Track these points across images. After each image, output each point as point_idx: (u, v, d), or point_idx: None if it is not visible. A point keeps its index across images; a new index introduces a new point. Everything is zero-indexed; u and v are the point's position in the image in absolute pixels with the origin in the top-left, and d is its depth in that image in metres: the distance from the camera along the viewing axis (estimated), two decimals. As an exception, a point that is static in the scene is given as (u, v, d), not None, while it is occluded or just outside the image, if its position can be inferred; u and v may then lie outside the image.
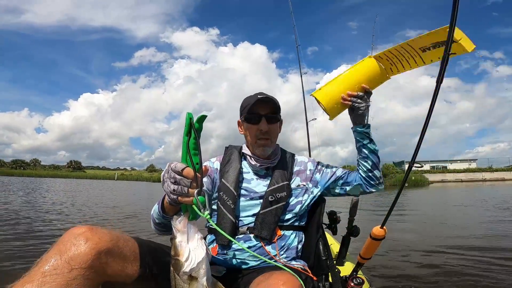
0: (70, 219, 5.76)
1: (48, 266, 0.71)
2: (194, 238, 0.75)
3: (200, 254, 0.74)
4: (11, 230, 4.35)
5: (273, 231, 1.12)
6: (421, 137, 0.98)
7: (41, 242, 3.71)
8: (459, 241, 4.14)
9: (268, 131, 1.19)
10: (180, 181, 0.72)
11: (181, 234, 0.75)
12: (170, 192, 0.73)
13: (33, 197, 10.26)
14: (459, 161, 44.87)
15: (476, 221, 6.02)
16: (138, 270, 0.86)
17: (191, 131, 0.74)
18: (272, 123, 1.21)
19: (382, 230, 1.07)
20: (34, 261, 0.74)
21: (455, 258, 3.30)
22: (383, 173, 1.31)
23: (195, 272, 0.73)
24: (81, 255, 0.73)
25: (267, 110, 1.19)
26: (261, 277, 0.91)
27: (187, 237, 0.75)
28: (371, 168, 1.22)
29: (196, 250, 0.74)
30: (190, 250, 0.74)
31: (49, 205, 8.00)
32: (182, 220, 0.76)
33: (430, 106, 0.92)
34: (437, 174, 37.03)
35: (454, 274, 2.75)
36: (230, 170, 1.22)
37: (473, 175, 36.60)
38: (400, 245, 3.91)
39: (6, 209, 6.70)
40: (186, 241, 0.75)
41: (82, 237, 0.76)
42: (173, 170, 0.73)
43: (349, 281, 1.13)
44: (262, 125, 1.18)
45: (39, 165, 72.12)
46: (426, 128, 0.95)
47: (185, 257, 0.73)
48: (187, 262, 0.73)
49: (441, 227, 5.60)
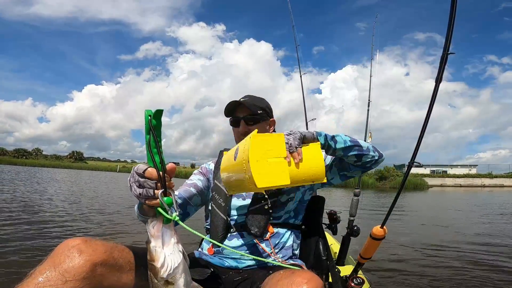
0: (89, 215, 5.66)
1: (42, 278, 0.71)
2: (170, 243, 0.72)
3: (176, 259, 0.72)
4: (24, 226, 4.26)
5: (264, 228, 1.10)
6: (421, 135, 0.99)
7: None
8: (459, 241, 4.17)
9: (247, 132, 1.18)
10: (144, 183, 0.69)
11: (155, 239, 0.71)
12: (137, 196, 0.71)
13: (44, 188, 10.19)
14: (460, 166, 45.03)
15: (472, 223, 6.08)
16: (133, 280, 0.85)
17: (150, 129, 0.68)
18: (252, 124, 1.21)
19: (382, 230, 1.07)
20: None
21: (455, 257, 3.33)
22: (383, 175, 1.28)
23: (171, 277, 0.71)
24: (75, 267, 0.73)
25: (245, 113, 1.21)
26: (282, 273, 0.86)
27: (161, 241, 0.72)
28: (356, 159, 1.05)
29: (172, 256, 0.71)
30: (165, 255, 0.71)
31: (63, 199, 7.91)
32: (155, 224, 0.72)
33: (429, 106, 0.93)
34: (437, 179, 37.22)
35: (454, 273, 2.76)
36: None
37: (472, 180, 36.87)
38: (400, 245, 3.91)
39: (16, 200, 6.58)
40: (161, 246, 0.72)
41: (76, 249, 0.76)
42: (136, 173, 0.70)
43: (349, 281, 1.13)
44: (241, 127, 1.21)
45: (41, 154, 71.69)
46: (425, 127, 0.96)
47: (160, 263, 0.70)
48: (163, 268, 0.70)
49: (439, 228, 5.62)
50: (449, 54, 0.84)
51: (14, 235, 3.60)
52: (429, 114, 0.95)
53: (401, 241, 4.20)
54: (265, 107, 1.25)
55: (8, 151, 66.59)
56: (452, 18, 0.80)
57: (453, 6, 0.78)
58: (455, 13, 0.78)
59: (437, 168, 44.62)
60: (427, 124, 0.98)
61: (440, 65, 0.88)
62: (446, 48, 0.84)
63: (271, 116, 1.29)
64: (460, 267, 3.03)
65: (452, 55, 0.84)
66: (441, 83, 0.91)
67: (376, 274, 2.71)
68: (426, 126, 0.98)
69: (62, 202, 7.07)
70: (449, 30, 0.81)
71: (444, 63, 0.86)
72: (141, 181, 0.69)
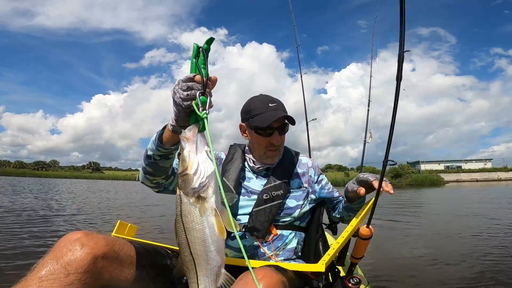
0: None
1: (45, 271, 0.72)
2: (203, 151, 0.71)
3: (209, 168, 0.69)
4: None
5: (267, 230, 1.10)
6: (390, 134, 0.98)
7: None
8: (459, 241, 4.06)
9: (281, 144, 1.19)
10: (192, 86, 0.74)
11: (190, 144, 0.70)
12: (183, 99, 0.74)
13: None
14: (474, 161, 43.95)
15: (480, 219, 5.91)
16: (134, 273, 0.86)
17: (198, 55, 0.75)
18: (283, 134, 1.19)
19: (368, 230, 1.07)
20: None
21: (455, 257, 3.23)
22: (398, 173, 1.30)
23: (204, 191, 0.68)
24: (77, 260, 0.74)
25: (280, 123, 1.15)
26: (242, 276, 0.88)
27: (196, 147, 0.70)
28: (349, 219, 1.21)
29: (205, 163, 0.69)
30: (199, 162, 0.69)
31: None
32: (192, 129, 0.72)
33: (394, 105, 0.93)
34: (452, 174, 36.59)
35: (454, 273, 2.70)
36: (232, 169, 1.21)
37: (488, 174, 36.18)
38: (401, 245, 3.85)
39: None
40: (195, 152, 0.70)
41: (78, 242, 0.77)
42: (183, 81, 0.75)
43: (346, 281, 1.13)
44: (274, 138, 1.14)
45: (58, 166, 73.92)
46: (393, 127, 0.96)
47: (193, 169, 0.68)
48: (196, 176, 0.68)
49: (443, 227, 5.50)
50: (404, 52, 0.84)
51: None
52: (394, 113, 0.95)
53: (401, 241, 4.12)
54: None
55: (27, 164, 68.96)
56: (403, 15, 0.80)
57: (402, 5, 0.78)
58: (405, 11, 0.78)
59: (451, 164, 43.62)
60: (394, 125, 0.97)
61: (398, 64, 0.88)
62: (402, 47, 0.84)
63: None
64: (463, 265, 2.96)
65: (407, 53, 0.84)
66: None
67: (375, 274, 2.69)
68: (393, 126, 0.97)
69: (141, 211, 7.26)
70: (402, 27, 0.81)
71: (401, 62, 0.86)
72: (189, 85, 0.74)
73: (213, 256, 0.72)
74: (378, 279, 2.57)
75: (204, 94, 0.73)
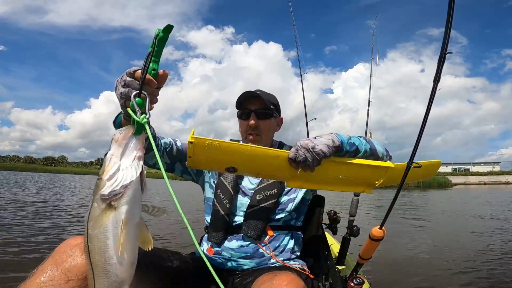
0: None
1: (45, 277, 0.71)
2: (130, 156, 0.62)
3: (129, 176, 0.60)
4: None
5: (262, 231, 1.07)
6: (419, 136, 0.96)
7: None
8: (460, 241, 4.04)
9: (257, 126, 1.15)
10: (130, 83, 0.65)
11: (116, 146, 0.62)
12: (119, 96, 0.67)
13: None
14: (482, 163, 43.49)
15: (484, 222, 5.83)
16: (135, 278, 0.87)
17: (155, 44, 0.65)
18: (262, 118, 1.16)
19: (381, 231, 1.05)
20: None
21: (455, 257, 3.24)
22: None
23: (116, 200, 0.59)
24: (77, 266, 0.73)
25: (257, 106, 1.16)
26: (265, 276, 0.88)
27: (122, 151, 0.62)
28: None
29: (126, 170, 0.60)
30: (119, 168, 0.60)
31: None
32: (124, 131, 0.63)
33: (428, 106, 0.90)
34: (460, 177, 36.38)
35: (454, 272, 2.70)
36: None
37: (496, 178, 35.91)
38: (401, 245, 3.81)
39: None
40: (119, 156, 0.61)
41: (78, 248, 0.76)
42: (126, 73, 0.67)
43: (349, 281, 1.12)
44: (251, 120, 1.14)
45: (66, 162, 74.59)
46: (424, 128, 0.94)
47: (108, 175, 0.59)
48: (109, 182, 0.59)
49: (446, 228, 5.44)
50: (447, 54, 0.82)
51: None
52: (427, 114, 0.92)
53: (401, 241, 4.10)
54: (277, 103, 1.22)
55: (37, 159, 69.83)
56: (450, 16, 0.77)
57: (450, 5, 0.75)
58: (453, 12, 0.76)
59: (459, 166, 43.19)
60: (425, 125, 0.95)
61: (438, 65, 0.85)
62: (445, 47, 0.82)
63: (280, 114, 1.26)
64: (463, 264, 2.93)
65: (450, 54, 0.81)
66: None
67: (376, 274, 2.66)
68: (424, 127, 0.95)
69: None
70: (447, 30, 0.79)
71: (442, 63, 0.84)
72: (127, 81, 0.66)
73: (112, 270, 0.63)
74: (379, 279, 2.55)
75: (139, 95, 0.63)
